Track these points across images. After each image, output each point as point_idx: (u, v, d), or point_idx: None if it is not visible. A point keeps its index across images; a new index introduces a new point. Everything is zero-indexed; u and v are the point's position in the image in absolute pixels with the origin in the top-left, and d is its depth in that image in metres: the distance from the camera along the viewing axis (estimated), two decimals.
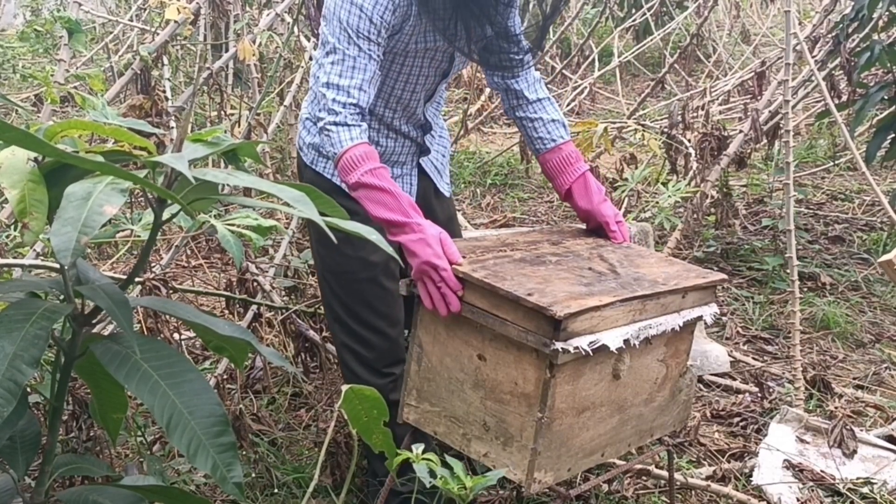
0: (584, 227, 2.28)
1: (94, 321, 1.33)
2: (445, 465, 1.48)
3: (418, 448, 1.50)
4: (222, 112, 4.05)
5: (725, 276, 2.11)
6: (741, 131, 3.94)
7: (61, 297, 1.35)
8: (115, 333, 1.36)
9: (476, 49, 2.14)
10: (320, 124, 1.95)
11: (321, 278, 2.26)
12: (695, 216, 3.87)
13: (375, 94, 2.11)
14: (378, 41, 1.97)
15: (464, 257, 1.86)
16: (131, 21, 6.10)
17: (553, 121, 2.25)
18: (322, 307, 2.55)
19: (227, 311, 2.97)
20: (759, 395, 3.00)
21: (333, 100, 1.93)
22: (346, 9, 1.93)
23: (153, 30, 4.68)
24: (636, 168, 4.03)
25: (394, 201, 1.87)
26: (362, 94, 1.94)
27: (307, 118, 2.23)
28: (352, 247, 2.11)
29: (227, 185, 1.21)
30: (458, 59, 2.17)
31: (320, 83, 1.96)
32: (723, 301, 3.79)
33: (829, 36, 4.30)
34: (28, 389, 1.44)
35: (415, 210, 1.89)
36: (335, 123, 1.92)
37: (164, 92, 4.01)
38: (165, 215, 1.29)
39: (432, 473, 1.47)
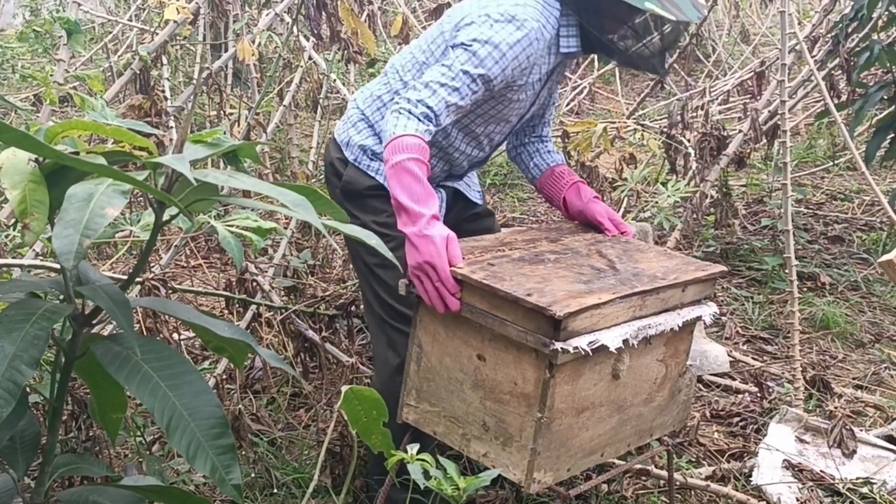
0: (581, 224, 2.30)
1: (93, 321, 1.33)
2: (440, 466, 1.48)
3: (413, 449, 1.50)
4: (222, 112, 4.05)
5: (725, 268, 2.11)
6: (740, 131, 3.94)
7: (61, 297, 1.35)
8: (114, 334, 1.36)
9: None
10: (395, 106, 1.97)
11: (361, 265, 2.26)
12: (694, 216, 3.87)
13: (457, 129, 2.20)
14: (490, 88, 2.05)
15: (462, 258, 1.86)
16: (130, 21, 6.09)
17: (548, 152, 2.40)
18: (361, 298, 2.59)
19: (226, 311, 2.96)
20: (759, 395, 3.00)
21: (420, 99, 1.97)
22: (486, 48, 2.00)
23: (152, 30, 4.67)
24: (635, 168, 4.03)
25: (421, 192, 1.90)
26: (444, 116, 2.00)
27: (361, 120, 2.26)
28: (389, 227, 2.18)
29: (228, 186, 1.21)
30: (535, 107, 2.27)
31: (423, 79, 2.01)
32: (722, 301, 3.79)
33: (829, 36, 4.30)
34: (28, 389, 1.44)
35: (436, 209, 1.91)
36: (409, 112, 1.96)
37: (163, 92, 4.01)
38: (165, 216, 1.29)
39: (426, 474, 1.47)
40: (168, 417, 1.21)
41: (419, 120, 1.95)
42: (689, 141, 4.05)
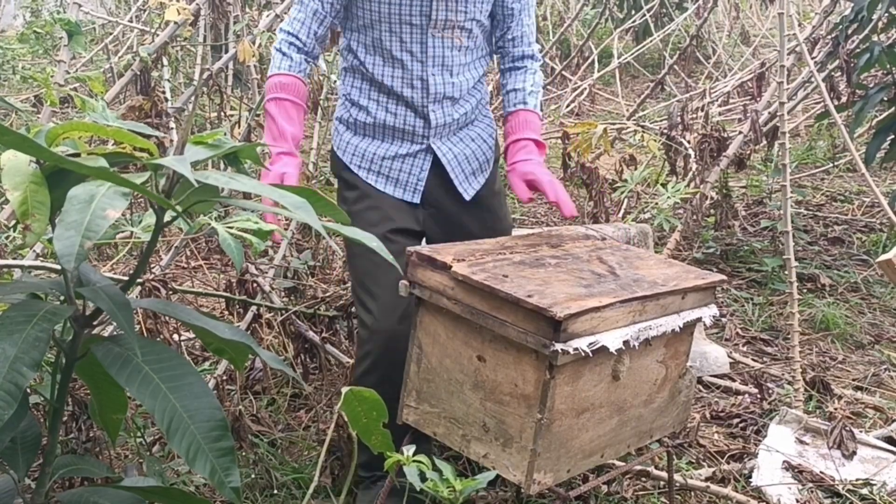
0: (583, 230, 2.29)
1: (94, 322, 1.33)
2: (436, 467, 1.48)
3: (409, 450, 1.50)
4: (222, 113, 4.05)
5: (724, 278, 2.12)
6: (741, 132, 3.95)
7: (62, 298, 1.35)
8: (115, 335, 1.37)
9: None
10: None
11: (352, 275, 2.31)
12: (694, 217, 3.87)
13: (372, 53, 2.19)
14: None
15: (463, 260, 1.86)
16: (131, 22, 6.10)
17: (514, 90, 2.31)
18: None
19: (226, 312, 2.97)
20: (759, 396, 3.00)
21: (280, 29, 2.18)
22: None
23: (153, 31, 4.68)
24: (635, 169, 4.03)
25: (276, 131, 2.08)
26: (302, 28, 2.15)
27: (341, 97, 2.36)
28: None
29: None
30: (439, 2, 2.12)
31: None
32: (722, 302, 3.79)
33: (829, 37, 4.31)
34: (28, 390, 1.44)
35: (286, 146, 2.06)
36: (275, 49, 2.16)
37: (163, 93, 4.02)
38: (166, 217, 1.29)
39: (423, 476, 1.47)
40: (168, 419, 1.21)
41: (282, 54, 2.14)
42: (689, 142, 4.06)
